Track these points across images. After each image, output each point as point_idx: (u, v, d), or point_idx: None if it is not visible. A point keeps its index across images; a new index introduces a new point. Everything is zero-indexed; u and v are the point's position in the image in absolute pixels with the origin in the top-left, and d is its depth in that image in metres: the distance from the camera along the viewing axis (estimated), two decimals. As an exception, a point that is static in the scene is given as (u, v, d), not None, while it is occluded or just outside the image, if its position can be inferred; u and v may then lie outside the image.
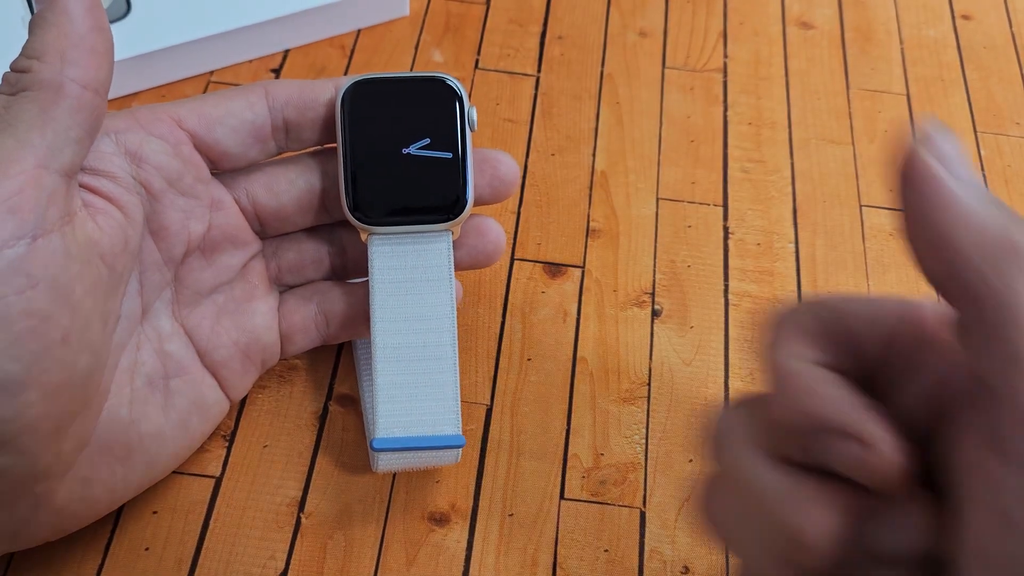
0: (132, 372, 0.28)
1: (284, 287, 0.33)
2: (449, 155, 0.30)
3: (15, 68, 0.25)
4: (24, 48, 0.25)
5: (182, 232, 0.29)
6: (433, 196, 0.30)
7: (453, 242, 0.31)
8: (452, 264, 0.31)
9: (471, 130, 0.31)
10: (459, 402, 0.30)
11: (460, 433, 0.30)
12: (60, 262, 0.24)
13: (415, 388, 0.30)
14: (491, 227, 0.32)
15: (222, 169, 0.30)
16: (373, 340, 0.30)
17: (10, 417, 0.23)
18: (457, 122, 0.31)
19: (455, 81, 0.31)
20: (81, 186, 0.26)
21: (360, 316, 0.32)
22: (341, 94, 0.30)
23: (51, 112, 0.25)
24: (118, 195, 0.27)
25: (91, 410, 0.26)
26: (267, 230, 0.32)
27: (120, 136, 0.28)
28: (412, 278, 0.31)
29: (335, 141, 0.31)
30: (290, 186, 0.31)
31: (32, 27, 0.26)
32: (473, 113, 0.31)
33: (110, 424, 0.27)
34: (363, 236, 0.31)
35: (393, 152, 0.30)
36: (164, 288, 0.30)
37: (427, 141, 0.30)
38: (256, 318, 0.31)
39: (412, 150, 0.30)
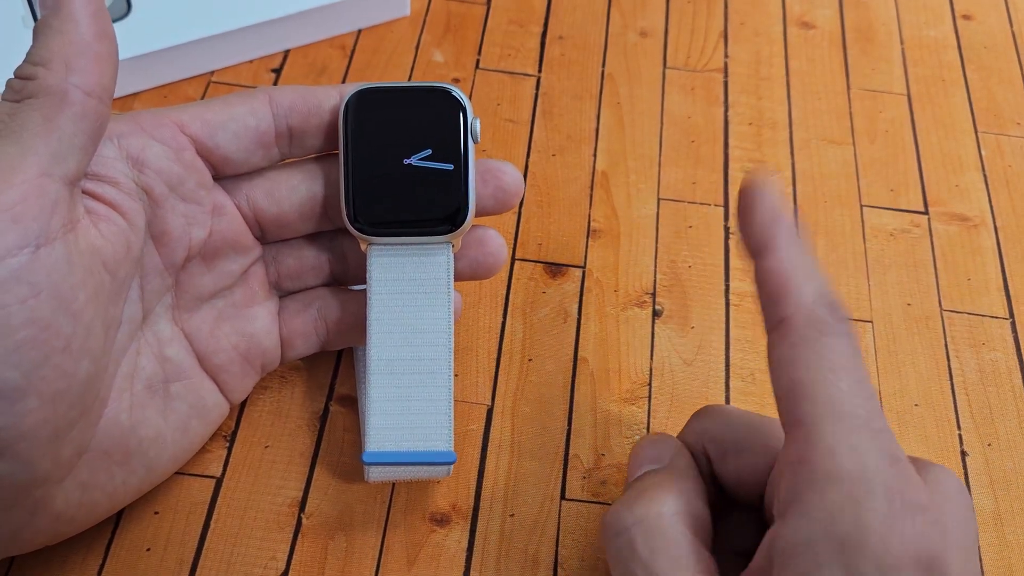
0: (132, 377, 0.28)
1: (284, 292, 0.33)
2: (450, 167, 0.30)
3: (20, 75, 0.25)
4: (29, 54, 0.25)
5: (183, 238, 0.29)
6: (433, 208, 0.30)
7: (454, 253, 0.31)
8: (451, 277, 0.31)
9: (474, 142, 0.30)
10: (452, 418, 0.30)
11: (451, 449, 0.30)
12: (63, 270, 0.24)
13: (408, 402, 0.30)
14: (492, 238, 0.32)
15: (225, 175, 0.30)
16: (368, 352, 0.30)
17: (9, 424, 0.23)
18: (460, 133, 0.30)
19: (459, 92, 0.31)
20: (83, 192, 0.26)
21: (361, 324, 0.32)
22: (344, 102, 0.30)
23: (55, 120, 0.24)
24: (120, 201, 0.27)
25: (90, 416, 0.26)
26: (267, 236, 0.31)
27: (122, 140, 0.27)
28: (410, 290, 0.30)
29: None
30: (291, 193, 0.31)
31: (37, 33, 0.25)
32: (476, 125, 0.30)
33: (110, 429, 0.27)
34: (362, 246, 0.31)
35: (394, 162, 0.30)
36: (164, 293, 0.30)
37: (428, 152, 0.30)
38: (256, 323, 0.31)
39: (413, 161, 0.30)
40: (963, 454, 0.34)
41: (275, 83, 0.43)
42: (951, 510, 0.24)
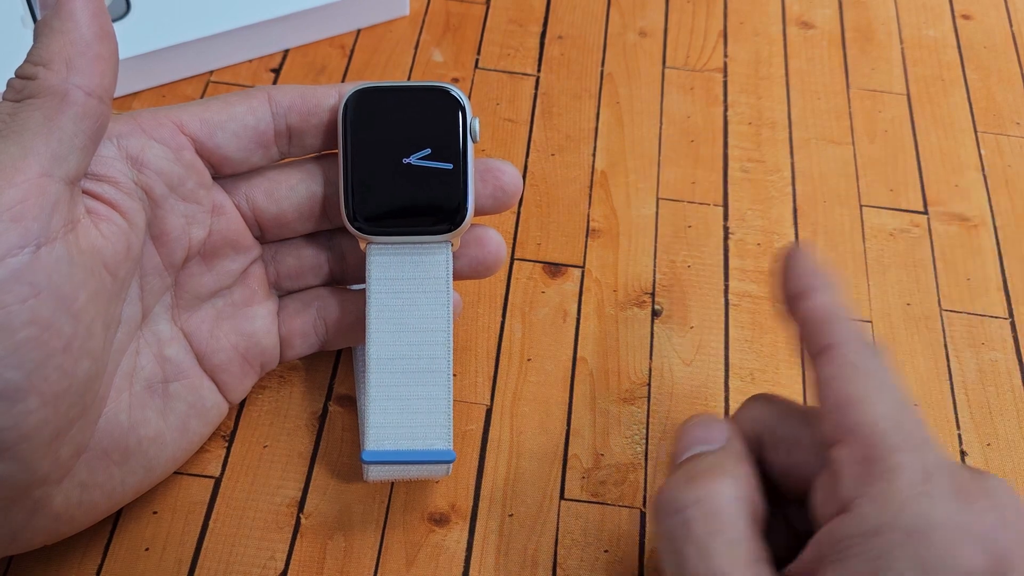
0: (131, 377, 0.28)
1: (283, 292, 0.33)
2: (450, 166, 0.30)
3: (21, 75, 0.25)
4: (29, 54, 0.25)
5: (183, 238, 0.29)
6: (433, 207, 0.30)
7: (453, 252, 0.31)
8: (451, 276, 0.31)
9: (473, 141, 0.30)
10: (451, 417, 0.30)
11: (451, 448, 0.30)
12: (63, 270, 0.24)
13: (407, 401, 0.30)
14: (491, 237, 0.32)
15: (224, 174, 0.30)
16: (368, 351, 0.30)
17: (9, 425, 0.23)
18: (459, 133, 0.30)
19: (459, 91, 0.31)
20: (83, 191, 0.26)
21: (360, 324, 0.32)
22: (344, 102, 0.30)
23: (56, 120, 0.24)
24: (120, 201, 0.27)
25: (90, 416, 0.26)
26: (267, 235, 0.31)
27: (122, 140, 0.27)
28: (409, 289, 0.31)
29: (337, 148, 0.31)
30: (291, 192, 0.31)
31: (38, 33, 0.25)
32: (475, 124, 0.30)
33: (109, 429, 0.27)
34: (361, 245, 0.31)
35: (394, 161, 0.30)
36: (164, 293, 0.30)
37: (428, 151, 0.30)
38: (255, 322, 0.31)
39: (413, 160, 0.30)
40: (962, 454, 0.34)
41: (274, 83, 0.43)
42: (1010, 514, 0.24)
